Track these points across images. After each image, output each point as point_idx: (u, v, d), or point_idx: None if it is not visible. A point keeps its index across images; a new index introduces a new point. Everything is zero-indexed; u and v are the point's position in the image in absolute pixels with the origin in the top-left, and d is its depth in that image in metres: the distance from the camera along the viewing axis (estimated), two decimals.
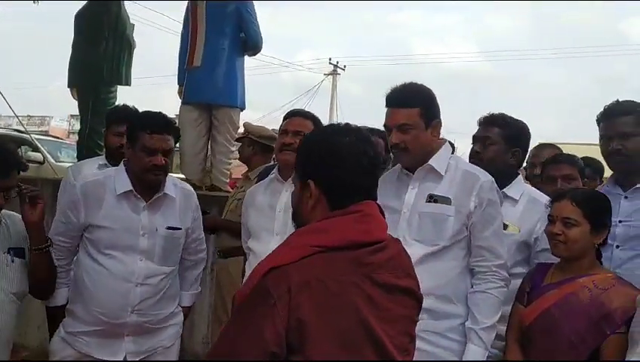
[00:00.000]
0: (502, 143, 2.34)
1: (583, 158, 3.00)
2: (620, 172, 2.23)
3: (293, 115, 2.48)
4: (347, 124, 1.44)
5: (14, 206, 2.14)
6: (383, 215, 1.40)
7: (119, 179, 2.24)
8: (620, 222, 2.12)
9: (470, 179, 2.04)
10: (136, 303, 2.20)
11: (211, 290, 3.46)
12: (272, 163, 3.24)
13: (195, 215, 2.42)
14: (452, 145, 2.37)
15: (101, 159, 3.09)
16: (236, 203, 3.13)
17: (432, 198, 2.03)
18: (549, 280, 2.02)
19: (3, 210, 2.11)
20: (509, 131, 2.36)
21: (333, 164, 1.33)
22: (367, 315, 1.25)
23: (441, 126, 2.11)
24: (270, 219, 2.29)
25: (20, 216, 2.15)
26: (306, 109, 2.87)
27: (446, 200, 2.01)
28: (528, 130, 2.45)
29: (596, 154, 3.21)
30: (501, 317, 2.05)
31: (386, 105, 2.08)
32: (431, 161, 2.06)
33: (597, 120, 2.24)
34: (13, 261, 2.08)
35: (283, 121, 2.46)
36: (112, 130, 2.89)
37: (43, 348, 3.04)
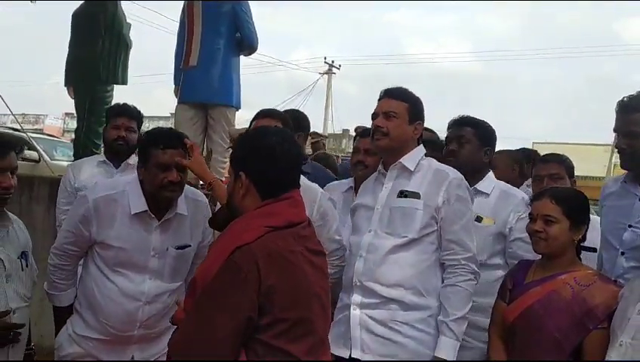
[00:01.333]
0: (475, 142, 2.46)
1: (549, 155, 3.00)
2: (630, 170, 2.14)
3: (262, 115, 2.45)
4: (276, 127, 1.84)
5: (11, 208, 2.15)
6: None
7: (134, 197, 2.18)
8: (629, 226, 2.05)
9: (440, 176, 2.17)
10: (144, 320, 2.22)
11: None
12: None
13: (207, 224, 2.35)
14: (442, 144, 2.49)
15: (100, 157, 3.12)
16: None
17: (402, 194, 2.16)
18: (531, 277, 2.09)
19: (10, 214, 2.11)
20: (481, 131, 2.49)
21: (268, 161, 1.58)
22: (310, 276, 1.56)
23: (422, 129, 2.27)
24: None
25: (22, 222, 2.18)
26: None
27: (415, 195, 2.14)
28: (495, 131, 2.58)
29: (586, 154, 3.27)
30: (478, 308, 2.14)
31: (380, 99, 2.27)
32: (402, 159, 2.20)
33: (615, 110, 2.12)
34: (27, 265, 2.08)
35: (252, 121, 2.48)
36: (110, 123, 2.96)
37: None
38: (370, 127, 2.92)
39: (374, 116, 2.25)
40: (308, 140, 4.96)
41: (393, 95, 2.24)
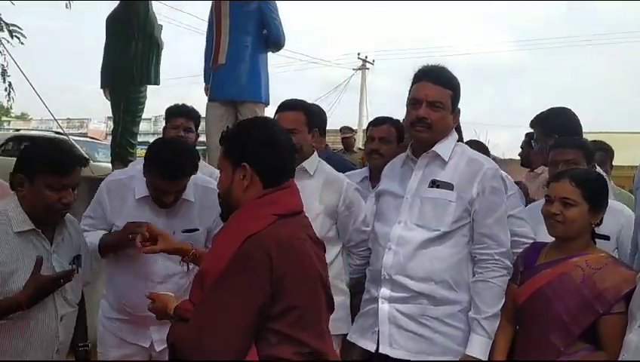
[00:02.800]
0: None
1: (593, 143, 2.95)
2: None
3: (284, 108, 2.46)
4: (264, 117, 1.88)
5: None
6: None
7: (139, 183, 2.29)
8: None
9: (474, 166, 2.07)
10: None
11: None
12: None
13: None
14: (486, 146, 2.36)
15: None
16: None
17: (434, 184, 2.07)
18: (543, 259, 2.05)
19: (67, 215, 2.11)
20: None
21: (272, 150, 1.60)
22: (316, 264, 1.58)
23: (459, 116, 2.15)
24: None
25: (76, 221, 2.19)
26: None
27: (448, 186, 2.05)
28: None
29: (624, 142, 3.18)
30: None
31: (419, 79, 2.10)
32: (435, 147, 2.10)
33: None
34: (77, 271, 2.03)
35: (275, 114, 2.49)
36: (169, 123, 3.03)
37: None
38: (383, 116, 2.91)
39: (414, 102, 2.08)
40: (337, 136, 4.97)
41: (437, 80, 2.06)
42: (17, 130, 15.20)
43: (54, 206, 1.87)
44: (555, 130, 2.81)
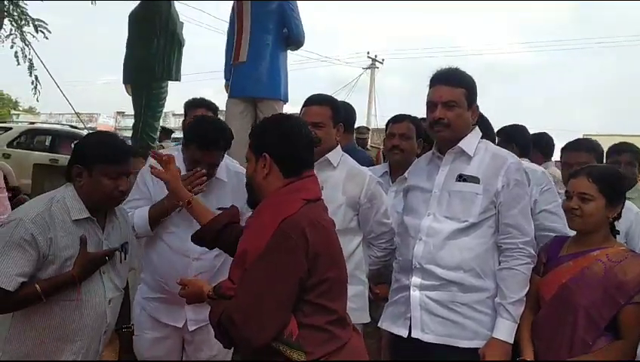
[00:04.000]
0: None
1: (620, 144, 3.08)
2: None
3: (311, 102, 2.55)
4: (288, 114, 2.07)
5: None
6: None
7: (177, 162, 2.42)
8: None
9: (498, 160, 2.19)
10: (192, 276, 2.41)
11: None
12: None
13: None
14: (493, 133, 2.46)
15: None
16: None
17: (461, 178, 2.19)
18: (565, 251, 2.16)
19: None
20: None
21: (291, 142, 1.78)
22: (338, 244, 1.80)
23: (478, 110, 2.26)
24: None
25: (123, 208, 2.29)
26: None
27: (474, 180, 2.16)
28: None
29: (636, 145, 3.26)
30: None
31: (433, 84, 2.24)
32: (461, 144, 2.22)
33: None
34: (125, 258, 2.16)
35: (302, 107, 2.59)
36: (189, 115, 3.18)
37: None
38: (402, 113, 3.01)
39: (431, 105, 2.22)
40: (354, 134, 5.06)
41: (449, 81, 2.20)
42: (32, 122, 15.35)
43: (112, 193, 2.01)
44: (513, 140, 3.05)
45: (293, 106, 4.85)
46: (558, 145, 2.66)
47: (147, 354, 2.56)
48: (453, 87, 2.19)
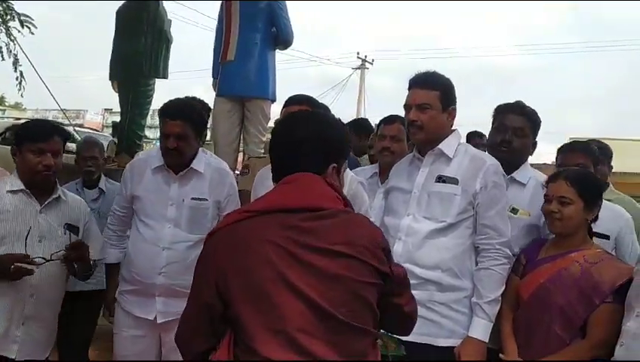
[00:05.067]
0: (530, 135, 2.48)
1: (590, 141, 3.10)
2: None
3: (290, 103, 2.58)
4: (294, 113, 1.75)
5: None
6: (334, 188, 1.51)
7: (155, 157, 2.62)
8: None
9: (477, 162, 2.24)
10: (163, 265, 2.51)
11: None
12: None
13: (230, 191, 2.67)
14: (485, 136, 2.48)
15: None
16: None
17: (440, 179, 2.24)
18: (544, 254, 2.23)
19: (70, 194, 2.51)
20: (535, 124, 2.52)
21: (271, 146, 1.58)
22: (285, 270, 1.36)
23: (455, 113, 2.32)
24: None
25: (83, 200, 2.58)
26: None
27: (453, 181, 2.21)
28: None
29: (624, 149, 3.29)
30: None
31: (409, 87, 2.30)
32: (440, 146, 2.27)
33: None
34: (65, 233, 2.38)
35: (282, 108, 2.63)
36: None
37: None
38: (394, 114, 3.05)
39: (407, 108, 2.29)
40: None
41: (422, 84, 2.25)
42: (18, 118, 15.18)
43: (36, 168, 2.29)
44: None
45: (280, 105, 4.86)
46: (553, 148, 2.70)
47: (123, 352, 2.60)
48: (427, 90, 2.24)
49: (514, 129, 2.44)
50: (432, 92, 2.23)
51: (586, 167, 2.60)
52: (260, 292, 1.36)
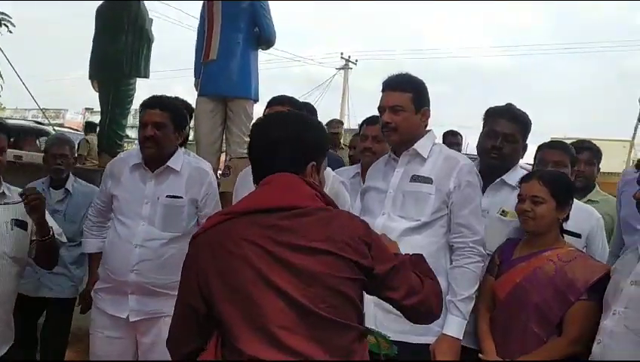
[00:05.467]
0: (520, 141, 2.51)
1: (580, 142, 3.16)
2: None
3: (273, 103, 2.61)
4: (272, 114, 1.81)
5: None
6: (314, 186, 1.54)
7: (133, 155, 2.65)
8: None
9: (451, 162, 2.28)
10: (135, 263, 2.50)
11: None
12: None
13: (209, 190, 2.67)
14: (460, 135, 2.50)
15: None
16: None
17: (415, 179, 2.28)
18: (518, 253, 2.28)
19: (12, 187, 2.47)
20: (526, 129, 2.54)
21: (248, 149, 1.61)
22: (264, 269, 1.39)
23: (429, 114, 2.35)
24: None
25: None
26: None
27: (427, 180, 2.25)
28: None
29: (603, 149, 3.34)
30: None
31: (382, 90, 2.34)
32: (415, 146, 2.31)
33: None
34: (12, 229, 2.34)
35: (264, 109, 2.65)
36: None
37: None
38: (376, 115, 3.08)
39: (381, 111, 2.33)
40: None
41: (395, 86, 2.29)
42: None
43: None
44: None
45: (264, 106, 4.83)
46: (531, 147, 2.74)
47: (99, 353, 2.59)
48: (400, 93, 2.27)
49: (504, 135, 2.45)
50: (405, 94, 2.27)
51: (563, 164, 2.65)
52: (240, 292, 1.39)
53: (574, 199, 2.72)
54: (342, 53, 26.02)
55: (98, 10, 4.77)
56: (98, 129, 5.11)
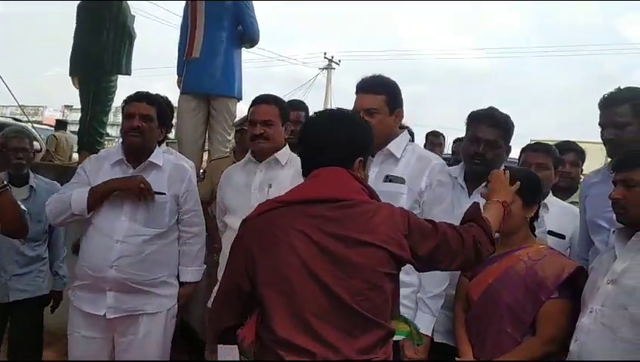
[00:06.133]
0: (503, 146, 2.50)
1: (565, 143, 3.20)
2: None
3: (259, 101, 2.65)
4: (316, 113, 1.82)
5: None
6: (360, 180, 1.65)
7: (114, 152, 2.66)
8: None
9: (423, 162, 2.33)
10: (115, 259, 2.47)
11: None
12: None
13: (189, 187, 2.68)
14: (444, 137, 2.54)
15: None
16: None
17: (388, 178, 2.32)
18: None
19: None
20: (509, 134, 2.53)
21: (300, 143, 1.72)
22: (308, 258, 1.50)
23: (402, 115, 2.40)
24: (246, 196, 2.57)
25: None
26: None
27: (400, 180, 2.30)
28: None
29: (587, 151, 3.38)
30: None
31: (356, 92, 2.37)
32: (389, 146, 2.35)
33: (599, 106, 2.27)
34: None
35: (249, 108, 2.68)
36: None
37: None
38: None
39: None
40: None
41: (369, 89, 2.32)
42: None
43: None
44: None
45: (247, 105, 4.82)
46: (516, 149, 2.78)
47: (76, 353, 2.57)
48: (373, 95, 2.31)
49: (487, 141, 2.46)
50: (379, 96, 2.30)
51: (547, 167, 2.69)
52: (282, 278, 1.50)
53: (559, 200, 2.78)
54: (325, 53, 26.13)
55: (79, 7, 4.71)
56: (79, 126, 5.04)
